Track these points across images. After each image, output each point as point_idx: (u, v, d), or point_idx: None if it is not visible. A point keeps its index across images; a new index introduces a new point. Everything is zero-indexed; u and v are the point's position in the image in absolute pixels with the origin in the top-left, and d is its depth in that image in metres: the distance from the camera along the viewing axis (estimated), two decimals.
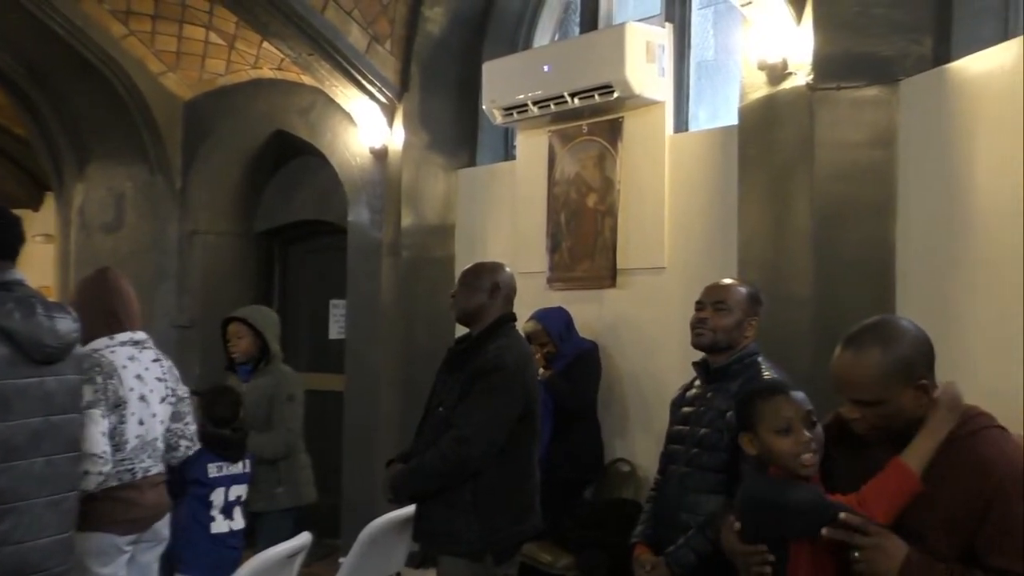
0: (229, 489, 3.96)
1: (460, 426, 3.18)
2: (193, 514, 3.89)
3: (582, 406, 4.61)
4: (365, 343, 5.96)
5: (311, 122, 6.27)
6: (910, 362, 2.00)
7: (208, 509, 3.91)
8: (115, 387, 3.14)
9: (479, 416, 3.18)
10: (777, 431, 2.22)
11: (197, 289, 6.80)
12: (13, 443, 2.58)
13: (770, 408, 2.26)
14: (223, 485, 3.95)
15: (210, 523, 3.91)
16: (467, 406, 3.20)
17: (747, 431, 2.29)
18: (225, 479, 3.96)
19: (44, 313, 2.67)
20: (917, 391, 1.99)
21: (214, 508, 3.92)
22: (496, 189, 5.60)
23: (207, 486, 3.90)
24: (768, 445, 2.23)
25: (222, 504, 3.94)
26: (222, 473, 3.96)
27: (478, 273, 3.41)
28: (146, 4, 5.97)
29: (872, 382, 2.00)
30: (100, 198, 7.02)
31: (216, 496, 3.92)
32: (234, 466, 4.00)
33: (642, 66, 4.59)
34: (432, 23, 5.61)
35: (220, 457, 3.95)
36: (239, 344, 4.47)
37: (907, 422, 2.01)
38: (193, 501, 3.89)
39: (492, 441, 3.18)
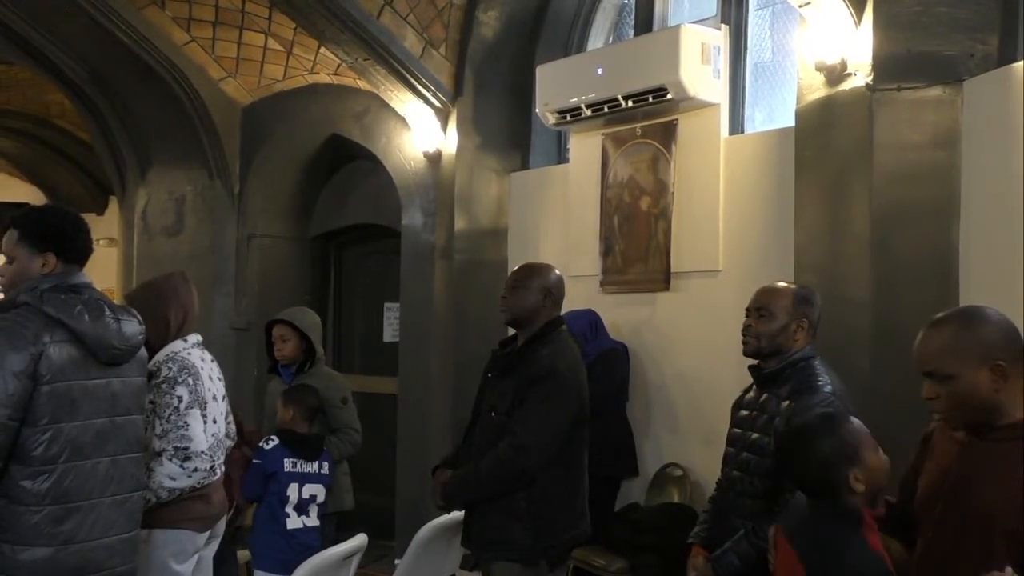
0: (303, 487, 4.06)
1: (517, 434, 3.17)
2: (270, 510, 4.01)
3: (606, 404, 4.59)
4: (418, 346, 6.00)
5: (366, 126, 6.33)
6: (988, 342, 1.98)
7: (283, 505, 4.01)
8: (201, 388, 3.21)
9: (536, 424, 3.18)
10: (875, 448, 2.18)
11: (254, 292, 6.90)
12: (79, 443, 2.64)
13: (861, 427, 2.21)
14: (296, 482, 4.04)
15: (285, 519, 4.01)
16: (523, 414, 3.19)
17: (854, 465, 2.13)
18: (299, 476, 4.06)
19: (111, 316, 2.73)
20: (993, 373, 1.95)
21: (289, 504, 4.02)
22: (549, 192, 5.60)
23: (282, 482, 4.00)
24: (874, 470, 2.15)
25: (296, 501, 4.03)
26: (296, 470, 4.05)
27: (528, 275, 3.40)
28: (207, 11, 6.07)
29: (943, 352, 1.99)
30: (161, 202, 7.16)
31: (291, 492, 4.01)
32: (309, 464, 4.08)
33: (697, 68, 4.56)
34: (486, 27, 5.63)
35: (296, 454, 4.04)
36: (285, 347, 4.50)
37: (983, 407, 1.97)
38: (271, 497, 4.01)
39: (548, 449, 3.19)
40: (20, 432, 2.56)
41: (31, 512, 2.57)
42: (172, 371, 3.15)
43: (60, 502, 2.60)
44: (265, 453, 4.04)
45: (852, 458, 2.14)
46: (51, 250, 2.74)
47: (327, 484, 4.16)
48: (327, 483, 4.16)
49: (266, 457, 4.02)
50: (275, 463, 4.02)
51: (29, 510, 2.57)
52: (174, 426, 3.10)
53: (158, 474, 3.04)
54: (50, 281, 2.70)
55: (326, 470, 4.15)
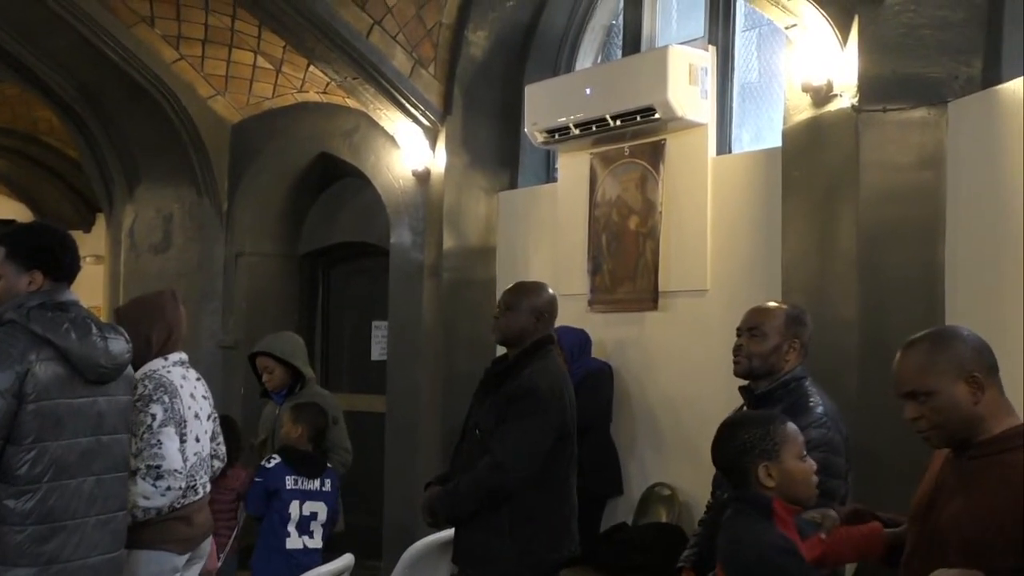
0: (304, 504, 4.05)
1: (495, 451, 3.17)
2: (272, 527, 4.01)
3: (591, 424, 4.59)
4: (407, 365, 5.99)
5: (355, 145, 6.34)
6: (961, 357, 2.03)
7: (285, 524, 4.01)
8: (178, 406, 3.19)
9: (513, 441, 3.17)
10: (800, 456, 2.23)
11: (242, 310, 6.87)
12: (64, 462, 2.63)
13: (792, 432, 2.25)
14: (298, 499, 4.04)
15: (285, 538, 4.00)
16: (502, 431, 3.20)
17: (768, 459, 2.21)
18: (300, 493, 4.05)
19: (98, 334, 2.72)
20: (969, 385, 2.01)
21: (291, 523, 4.01)
22: (537, 211, 5.61)
23: (284, 500, 4.00)
24: (790, 471, 2.21)
25: (297, 519, 4.02)
26: (298, 487, 4.04)
27: (520, 296, 3.40)
28: (197, 29, 6.08)
29: (920, 371, 2.04)
30: (149, 220, 7.14)
31: (293, 509, 4.02)
32: (311, 482, 4.07)
33: (684, 89, 4.59)
34: (475, 47, 5.66)
35: (298, 472, 4.03)
36: (272, 378, 4.51)
37: (965, 420, 2.01)
38: (272, 515, 4.01)
39: (527, 466, 3.18)
40: (4, 451, 2.55)
41: (14, 532, 2.55)
42: (148, 389, 3.12)
43: (44, 521, 2.59)
44: (267, 471, 4.03)
45: (769, 453, 2.22)
46: (38, 268, 2.73)
47: (330, 503, 4.14)
48: (330, 501, 4.14)
49: (268, 475, 4.02)
50: (277, 480, 4.01)
51: (12, 529, 2.55)
52: (147, 444, 3.06)
53: (132, 493, 3.00)
54: (37, 299, 2.69)
55: (328, 487, 4.14)
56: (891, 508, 2.36)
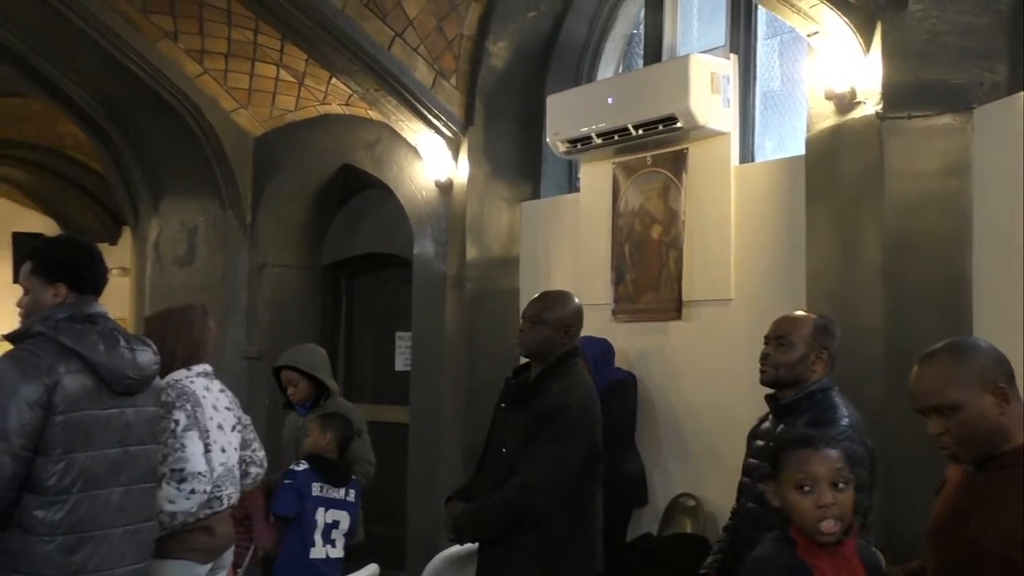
0: (328, 511, 4.07)
1: (526, 474, 3.13)
2: (296, 534, 4.02)
3: (615, 435, 4.57)
4: (430, 375, 5.99)
5: (377, 156, 6.37)
6: (984, 367, 2.00)
7: (311, 532, 4.02)
8: (201, 416, 3.21)
9: (545, 464, 3.13)
10: (798, 486, 2.08)
11: (265, 321, 6.91)
12: (93, 473, 2.65)
13: (795, 460, 2.11)
14: (322, 506, 4.06)
15: (310, 547, 4.01)
16: (532, 452, 3.14)
17: (772, 480, 2.17)
18: (325, 500, 4.07)
19: (126, 346, 2.75)
20: (995, 396, 1.97)
21: (316, 531, 4.02)
22: (560, 221, 5.61)
23: (309, 506, 4.02)
24: (788, 501, 2.10)
25: (322, 526, 4.03)
26: (323, 495, 4.07)
27: (545, 308, 3.35)
28: (220, 43, 6.14)
29: (945, 384, 1.99)
30: (174, 232, 7.20)
31: (318, 517, 4.04)
32: (336, 491, 4.09)
33: (707, 97, 4.58)
34: (496, 58, 5.67)
35: (324, 479, 4.06)
36: (296, 392, 4.55)
37: (992, 433, 1.97)
38: (300, 523, 4.02)
39: (558, 489, 3.14)
40: (34, 462, 2.57)
41: (44, 542, 2.57)
42: (170, 397, 3.16)
43: (73, 532, 2.60)
44: (296, 474, 4.05)
45: (773, 474, 2.18)
46: (61, 280, 2.76)
47: (352, 513, 4.15)
48: (352, 511, 4.15)
49: (297, 478, 4.04)
50: (304, 486, 4.03)
51: (42, 540, 2.57)
52: (171, 449, 3.09)
53: (158, 499, 3.02)
54: (65, 311, 2.72)
55: (352, 497, 4.16)
56: (916, 520, 2.33)
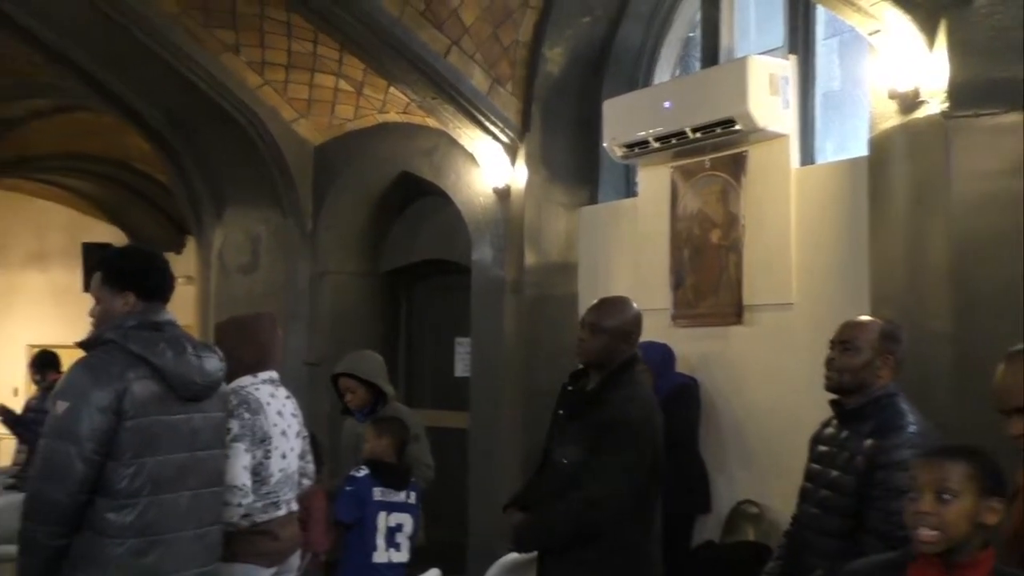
0: (390, 515, 4.10)
1: (591, 488, 3.10)
2: (359, 539, 4.06)
3: (678, 440, 4.54)
4: (489, 381, 6.01)
5: (435, 163, 6.41)
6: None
7: (373, 536, 4.06)
8: (261, 423, 3.26)
9: (608, 478, 3.10)
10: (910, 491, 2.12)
11: (326, 328, 7.00)
12: (161, 477, 2.70)
13: (911, 465, 2.16)
14: (384, 510, 4.09)
15: (372, 551, 4.05)
16: (595, 466, 3.11)
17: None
18: (386, 504, 4.11)
19: (193, 352, 2.80)
20: None
21: (378, 534, 4.06)
22: (618, 226, 5.59)
23: (371, 511, 4.06)
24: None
25: (384, 530, 4.07)
26: (384, 499, 4.10)
27: (605, 316, 3.30)
28: (280, 55, 6.24)
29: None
30: (237, 241, 7.32)
31: (380, 521, 4.07)
32: (396, 494, 4.13)
33: (765, 99, 4.53)
34: (552, 63, 5.68)
35: (384, 483, 4.10)
36: (354, 398, 4.59)
37: None
38: (362, 528, 4.05)
39: (622, 503, 3.12)
40: (105, 466, 2.63)
41: (115, 544, 2.63)
42: (231, 404, 3.20)
43: (143, 535, 2.66)
44: (356, 480, 4.09)
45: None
46: (130, 289, 2.82)
47: (414, 515, 4.19)
48: (414, 513, 4.19)
49: (358, 484, 4.07)
50: (365, 491, 4.06)
51: (113, 542, 2.63)
52: None
53: None
54: (134, 319, 2.78)
55: (413, 500, 4.19)
56: None
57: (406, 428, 4.33)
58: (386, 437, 4.23)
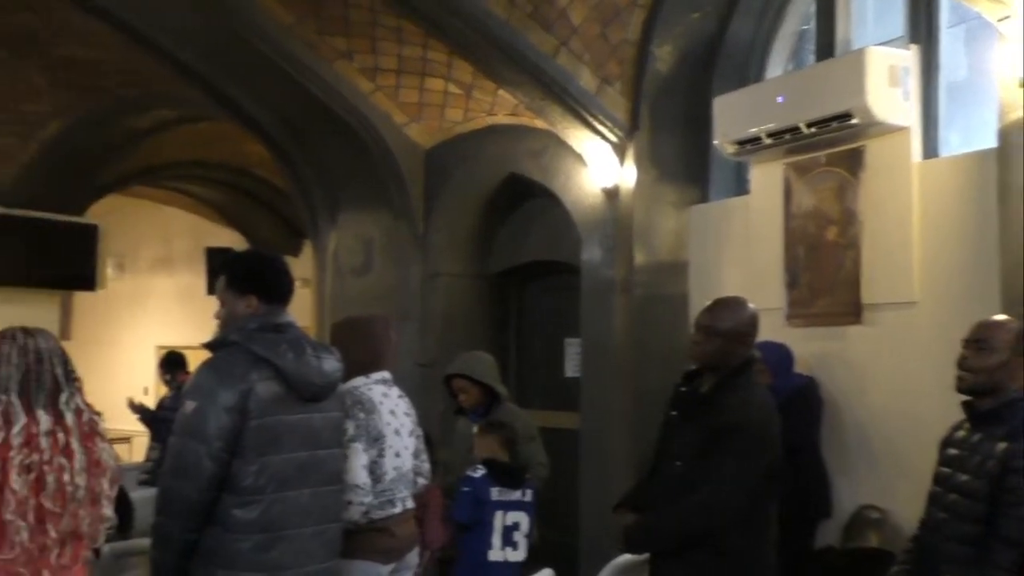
0: (507, 514, 4.14)
1: (704, 492, 3.06)
2: (476, 538, 4.12)
3: (798, 443, 4.43)
4: (599, 381, 5.99)
5: (544, 164, 6.42)
6: None
7: (489, 535, 4.11)
8: (375, 422, 3.32)
9: (723, 482, 3.04)
10: None
11: (438, 329, 7.08)
12: (284, 475, 2.79)
13: None
14: (501, 509, 4.14)
15: (488, 550, 4.10)
16: (710, 469, 3.06)
17: None
18: (503, 504, 4.15)
19: (312, 353, 2.88)
20: None
21: (495, 533, 4.10)
22: (730, 224, 5.50)
23: (488, 510, 4.11)
24: None
25: (501, 529, 4.11)
26: (501, 498, 4.15)
27: (720, 315, 3.24)
28: (391, 60, 6.35)
29: None
30: (350, 244, 7.49)
31: (496, 520, 4.12)
32: (513, 492, 4.16)
33: (884, 91, 4.38)
34: (661, 62, 5.62)
35: (501, 483, 4.15)
36: (467, 398, 4.66)
37: None
38: (479, 527, 4.11)
39: (737, 507, 3.07)
40: (231, 464, 2.73)
41: (241, 540, 2.72)
42: (345, 404, 3.25)
43: (267, 531, 2.75)
44: (473, 480, 4.14)
45: None
46: (252, 292, 2.91)
47: (530, 513, 4.21)
48: (530, 512, 4.21)
49: (475, 484, 4.12)
50: (483, 491, 4.11)
51: (239, 538, 2.72)
52: None
53: None
54: (256, 321, 2.87)
55: (529, 498, 4.22)
56: None
57: (509, 426, 4.36)
58: (489, 436, 4.27)
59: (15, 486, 2.31)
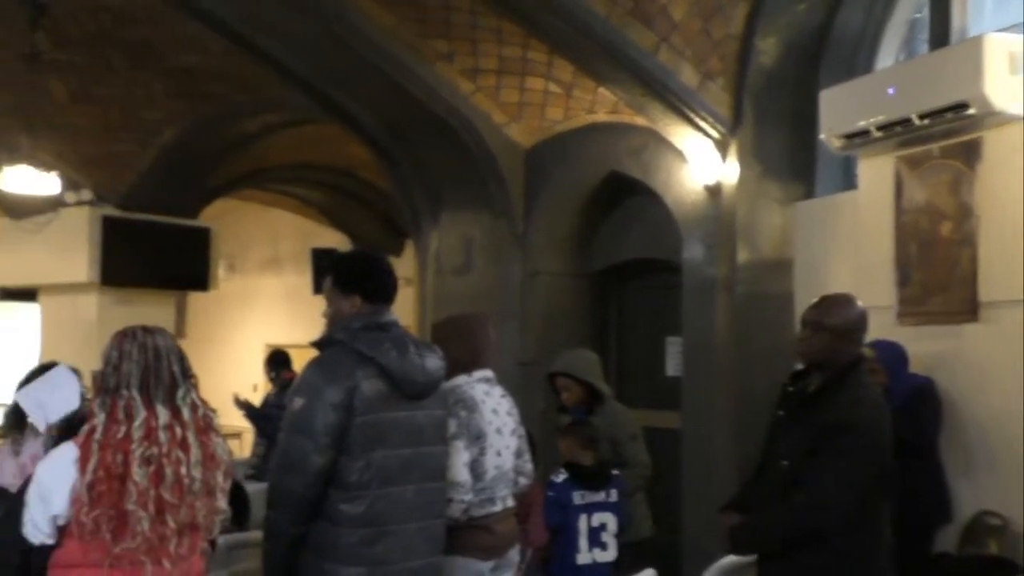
0: (592, 516, 4.14)
1: (811, 492, 3.00)
2: (564, 542, 4.12)
3: (923, 445, 4.28)
4: (701, 381, 5.91)
5: (644, 162, 6.37)
6: None
7: (576, 538, 4.10)
8: (477, 421, 3.35)
9: (832, 481, 2.98)
10: None
11: (538, 328, 7.10)
12: (388, 471, 2.84)
13: None
14: (585, 512, 4.13)
15: (576, 553, 4.09)
16: (818, 469, 3.00)
17: None
18: (587, 507, 4.14)
19: (415, 352, 2.92)
20: None
21: (581, 536, 4.10)
22: (837, 221, 5.36)
23: (573, 514, 4.11)
24: None
25: (587, 531, 4.10)
26: (584, 501, 4.13)
27: (828, 312, 3.18)
28: (491, 61, 6.40)
29: None
30: (452, 244, 7.57)
31: (581, 524, 4.11)
32: (595, 494, 4.15)
33: (1004, 80, 4.21)
34: (765, 55, 5.51)
35: (583, 486, 4.14)
36: (570, 397, 4.65)
37: None
38: (567, 530, 4.11)
39: (846, 508, 2.99)
40: (338, 460, 2.79)
41: (347, 534, 2.79)
42: (448, 402, 3.28)
43: (372, 525, 2.80)
44: (557, 486, 4.14)
45: None
46: (356, 292, 2.98)
47: (617, 512, 4.18)
48: (617, 511, 4.18)
49: (558, 489, 4.12)
50: (565, 495, 4.11)
51: (345, 532, 2.79)
52: None
53: None
54: (361, 320, 2.93)
55: (614, 497, 4.19)
56: None
57: (591, 427, 4.33)
58: (568, 438, 4.26)
59: (136, 477, 2.41)
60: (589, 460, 4.24)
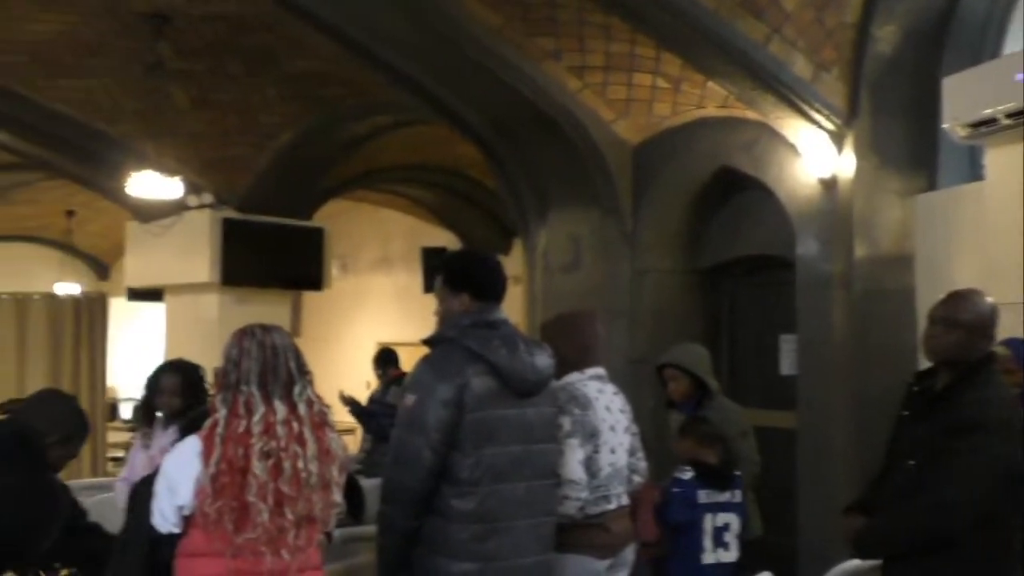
0: (716, 516, 4.08)
1: (937, 492, 2.89)
2: (687, 541, 4.07)
3: None
4: (817, 380, 5.76)
5: (756, 156, 6.24)
6: None
7: (701, 538, 4.06)
8: (591, 418, 3.34)
9: (960, 482, 2.87)
10: None
11: (648, 325, 7.03)
12: (498, 468, 2.86)
13: None
14: (711, 511, 4.07)
15: (700, 553, 4.04)
16: (944, 469, 2.90)
17: None
18: (712, 506, 4.08)
19: (525, 349, 2.94)
20: None
21: (705, 536, 4.05)
22: (961, 213, 5.14)
23: (698, 513, 4.06)
24: None
25: (711, 531, 4.06)
26: (709, 500, 4.08)
27: (957, 310, 3.06)
28: (599, 58, 6.36)
29: None
30: (559, 242, 7.56)
31: (707, 523, 4.06)
32: (720, 494, 4.10)
33: None
34: (883, 43, 5.33)
35: (708, 484, 4.09)
36: (677, 388, 4.58)
37: None
38: (691, 529, 4.07)
39: (973, 511, 2.88)
40: (449, 456, 2.82)
41: (459, 529, 2.82)
42: (561, 400, 3.28)
43: (483, 521, 2.82)
44: (684, 483, 4.09)
45: None
46: (465, 290, 3.01)
47: (740, 513, 4.12)
48: (740, 512, 4.13)
49: (684, 486, 4.08)
50: (691, 494, 4.06)
51: (457, 527, 2.82)
52: None
53: None
54: (470, 318, 2.96)
55: (738, 498, 4.13)
56: None
57: (711, 424, 4.26)
58: (687, 439, 4.19)
59: (256, 471, 2.49)
60: (714, 458, 4.17)
